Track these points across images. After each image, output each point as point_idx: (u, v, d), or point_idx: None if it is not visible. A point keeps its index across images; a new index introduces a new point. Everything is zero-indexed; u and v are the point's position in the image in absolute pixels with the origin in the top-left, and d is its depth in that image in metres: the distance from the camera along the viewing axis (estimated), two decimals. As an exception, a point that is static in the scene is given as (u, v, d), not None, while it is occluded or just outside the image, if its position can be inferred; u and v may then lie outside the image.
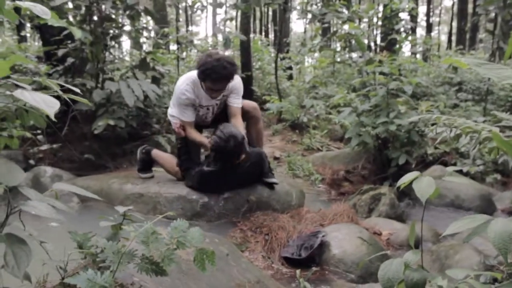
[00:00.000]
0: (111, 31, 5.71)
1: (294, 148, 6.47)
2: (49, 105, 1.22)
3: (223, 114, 3.80)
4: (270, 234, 3.06)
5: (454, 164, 6.07)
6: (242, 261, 2.56)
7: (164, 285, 1.88)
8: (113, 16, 5.76)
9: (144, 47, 10.16)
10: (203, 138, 3.59)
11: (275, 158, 6.05)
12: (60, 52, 5.12)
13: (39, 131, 5.10)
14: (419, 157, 5.93)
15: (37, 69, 5.93)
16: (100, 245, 1.64)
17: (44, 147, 5.01)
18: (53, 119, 1.19)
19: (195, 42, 14.04)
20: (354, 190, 4.75)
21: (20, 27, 8.32)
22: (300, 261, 2.78)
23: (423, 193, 1.62)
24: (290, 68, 11.29)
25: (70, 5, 5.48)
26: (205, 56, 3.48)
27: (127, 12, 5.63)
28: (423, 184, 1.66)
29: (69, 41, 5.24)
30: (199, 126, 3.91)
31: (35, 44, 10.28)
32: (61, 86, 5.09)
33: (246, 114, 3.82)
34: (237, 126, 3.57)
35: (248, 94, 8.63)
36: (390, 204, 4.23)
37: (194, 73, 3.58)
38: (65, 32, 5.04)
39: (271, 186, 3.67)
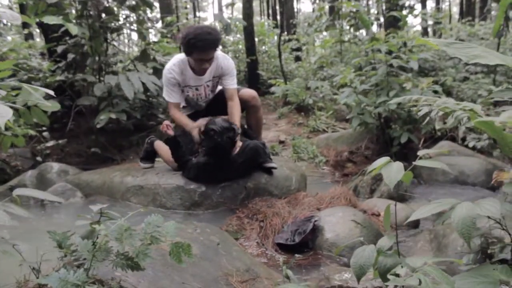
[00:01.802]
0: (112, 24, 5.74)
1: (299, 131, 6.45)
2: (1, 115, 1.24)
3: (218, 102, 3.80)
4: (265, 221, 3.08)
5: (464, 139, 5.99)
6: (233, 249, 2.59)
7: (145, 279, 1.92)
8: (115, 9, 5.79)
9: (152, 37, 10.20)
10: (188, 120, 3.59)
11: (280, 142, 6.06)
12: (59, 49, 5.17)
13: (44, 128, 5.19)
14: (427, 133, 5.86)
15: (40, 66, 6.02)
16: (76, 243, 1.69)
17: (50, 143, 5.11)
18: (3, 128, 1.21)
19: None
20: (357, 171, 4.74)
21: (25, 25, 8.42)
22: (293, 247, 2.80)
23: (391, 179, 1.61)
24: (298, 49, 11.19)
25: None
26: (185, 29, 3.49)
27: (127, 3, 5.65)
28: (392, 169, 1.64)
29: (67, 37, 5.28)
30: (195, 113, 3.92)
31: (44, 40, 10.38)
32: (63, 82, 5.09)
33: (245, 103, 3.82)
34: (234, 115, 3.60)
35: (254, 78, 8.62)
36: (392, 184, 4.20)
37: (183, 54, 3.61)
38: (63, 29, 5.08)
39: (269, 171, 3.68)
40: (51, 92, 1.94)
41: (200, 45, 3.34)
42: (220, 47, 3.73)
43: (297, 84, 7.55)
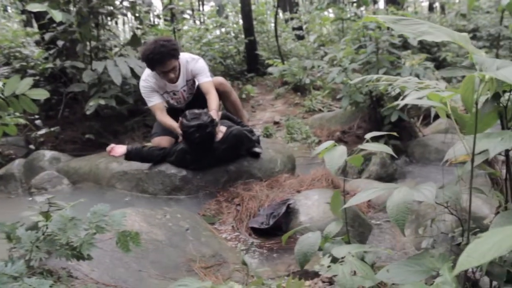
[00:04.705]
0: (104, 9, 5.68)
1: (295, 111, 6.38)
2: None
3: (197, 97, 3.84)
4: (241, 204, 3.07)
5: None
6: (203, 235, 2.59)
7: (100, 267, 1.92)
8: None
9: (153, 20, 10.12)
10: (173, 122, 3.59)
11: (275, 123, 6.01)
12: (47, 36, 5.15)
13: (37, 116, 5.21)
14: (427, 111, 5.75)
15: (34, 54, 6.03)
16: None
17: (43, 131, 5.12)
18: None
19: (207, 9, 13.87)
20: (348, 151, 4.66)
21: (24, 12, 8.44)
22: (267, 230, 2.78)
23: (332, 164, 1.57)
24: (299, 28, 11.02)
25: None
26: (143, 46, 3.57)
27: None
28: (335, 154, 1.60)
29: (55, 24, 5.25)
30: (174, 111, 3.92)
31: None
32: (52, 69, 5.07)
33: None
34: (210, 104, 3.60)
35: (253, 59, 8.53)
36: (381, 164, 4.15)
37: None
38: (49, 15, 5.05)
39: (256, 155, 3.66)
40: None
41: (157, 58, 3.44)
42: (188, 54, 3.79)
43: (297, 64, 7.44)
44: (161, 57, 3.42)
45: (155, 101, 3.71)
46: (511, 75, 0.90)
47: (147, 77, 3.70)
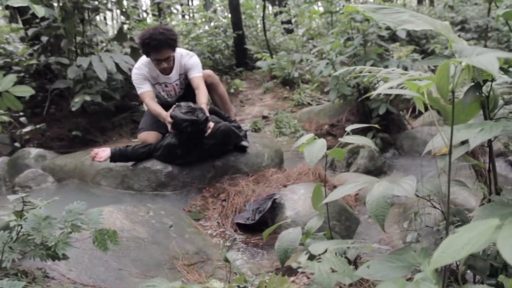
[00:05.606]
0: (89, 4, 5.60)
1: (284, 105, 6.34)
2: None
3: (188, 96, 3.79)
4: (227, 200, 3.03)
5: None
6: (186, 231, 2.55)
7: (78, 267, 1.88)
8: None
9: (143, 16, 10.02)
10: (162, 110, 3.55)
11: (264, 117, 5.97)
12: (30, 32, 5.06)
13: (21, 113, 5.13)
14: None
15: (18, 50, 5.94)
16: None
17: (28, 128, 5.05)
18: None
19: (196, 4, 13.77)
20: (336, 144, 4.64)
21: (8, 7, 8.29)
22: (252, 226, 2.75)
23: (312, 158, 1.53)
24: (288, 22, 10.96)
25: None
26: (142, 31, 3.59)
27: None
28: (314, 148, 1.57)
29: (37, 19, 5.17)
30: (165, 107, 3.88)
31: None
32: (37, 65, 4.99)
33: None
34: (200, 98, 3.57)
35: (241, 53, 8.47)
36: (369, 157, 4.13)
37: None
38: (32, 11, 4.97)
39: (242, 149, 3.63)
40: None
41: (154, 45, 3.44)
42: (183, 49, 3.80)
43: (286, 58, 7.39)
44: (158, 43, 3.42)
45: (145, 88, 3.68)
46: (487, 62, 0.86)
47: (141, 65, 3.68)
